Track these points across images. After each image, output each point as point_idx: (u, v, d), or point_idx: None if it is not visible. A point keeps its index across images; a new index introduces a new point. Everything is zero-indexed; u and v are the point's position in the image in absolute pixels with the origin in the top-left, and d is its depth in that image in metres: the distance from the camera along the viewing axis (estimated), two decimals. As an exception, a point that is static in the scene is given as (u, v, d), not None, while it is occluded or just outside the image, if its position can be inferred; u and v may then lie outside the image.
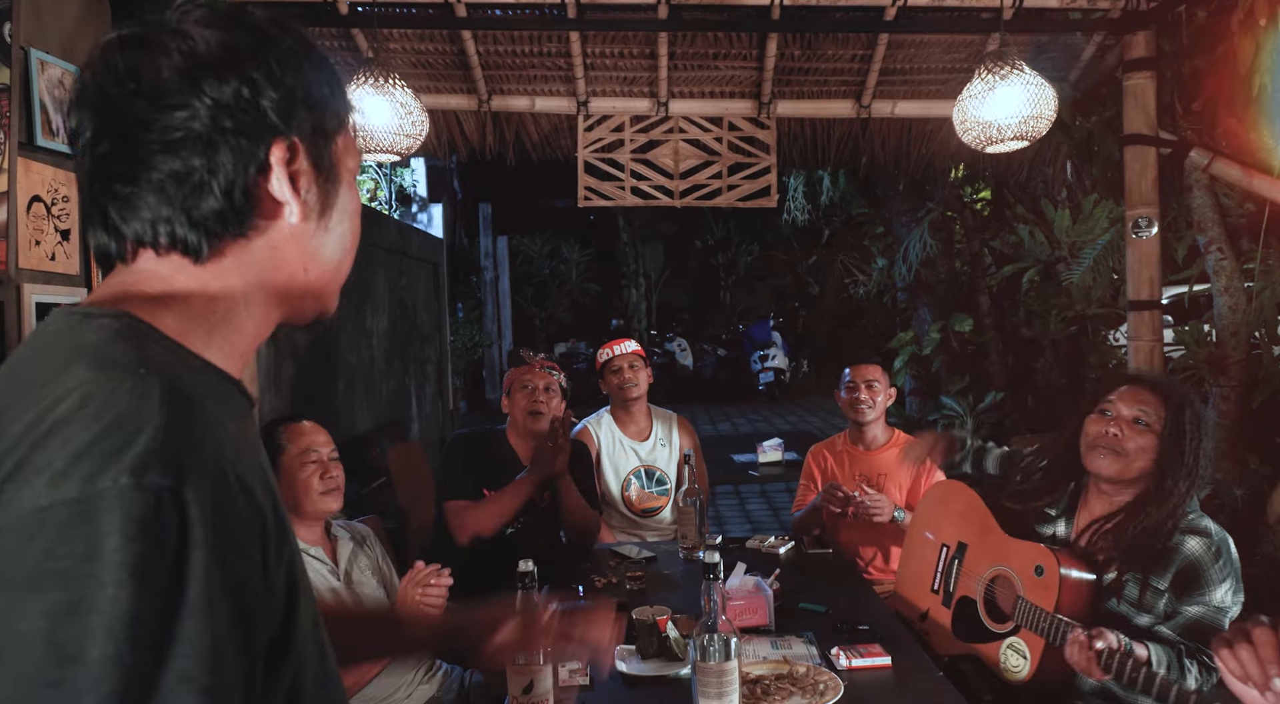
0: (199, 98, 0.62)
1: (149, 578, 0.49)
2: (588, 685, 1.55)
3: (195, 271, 0.65)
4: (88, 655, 0.48)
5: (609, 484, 2.91)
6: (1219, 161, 3.24)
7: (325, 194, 0.70)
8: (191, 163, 0.63)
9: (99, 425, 0.52)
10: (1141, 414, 1.68)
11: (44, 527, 0.49)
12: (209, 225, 0.64)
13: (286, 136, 0.66)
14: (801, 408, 11.48)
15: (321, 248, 0.71)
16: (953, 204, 5.97)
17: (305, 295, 0.72)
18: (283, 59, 0.66)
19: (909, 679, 1.54)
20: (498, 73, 3.56)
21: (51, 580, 0.48)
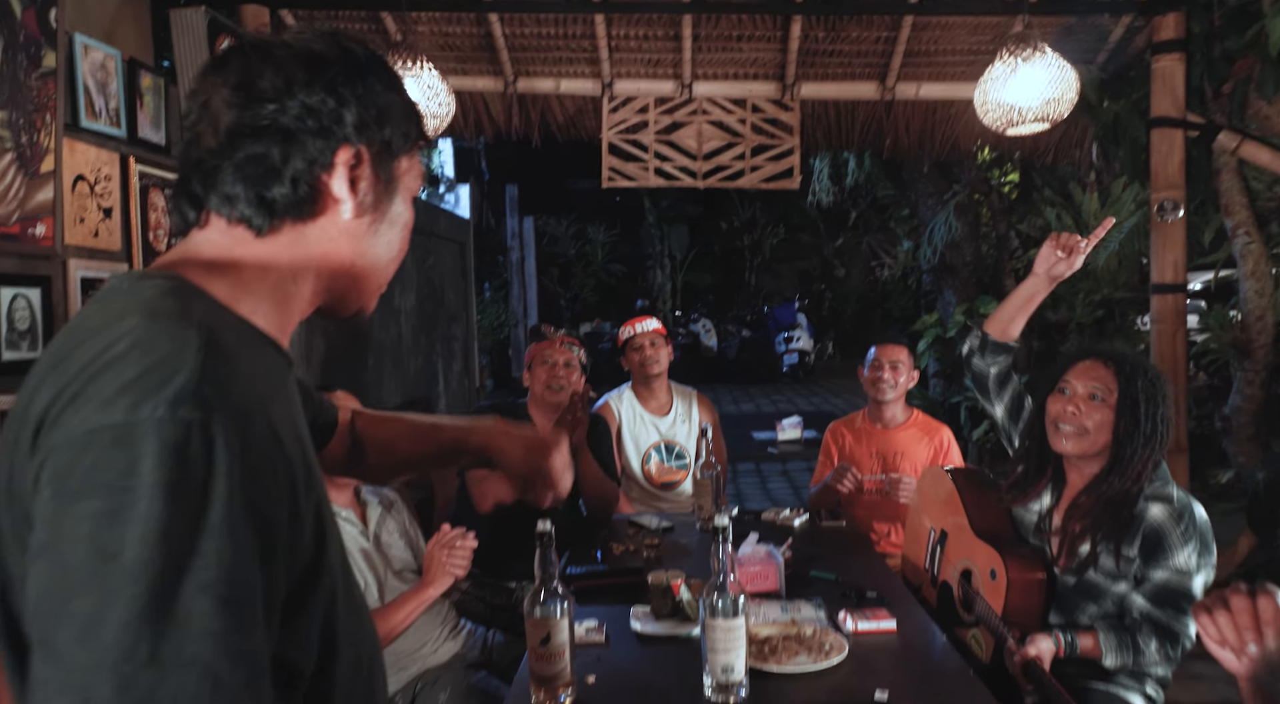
0: (291, 97, 0.73)
1: (178, 497, 0.57)
2: (603, 643, 1.62)
3: (254, 244, 0.75)
4: (123, 556, 0.55)
5: (629, 458, 2.99)
6: (1248, 144, 3.21)
7: (380, 201, 0.80)
8: (270, 150, 0.73)
9: (143, 364, 0.60)
10: (1096, 389, 1.70)
11: (92, 445, 0.58)
12: (274, 205, 0.74)
13: (354, 145, 0.76)
14: (825, 390, 11.48)
15: (370, 247, 0.81)
16: (979, 186, 5.93)
17: (348, 287, 0.82)
18: (370, 82, 0.78)
19: (913, 643, 1.60)
20: (524, 55, 3.61)
21: (96, 491, 0.57)
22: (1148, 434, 1.66)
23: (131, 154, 2.24)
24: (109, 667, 0.54)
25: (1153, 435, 1.67)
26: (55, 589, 0.57)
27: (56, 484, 0.58)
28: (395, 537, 2.01)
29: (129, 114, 2.24)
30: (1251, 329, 3.40)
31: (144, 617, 0.55)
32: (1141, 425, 1.66)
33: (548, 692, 1.36)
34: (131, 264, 2.23)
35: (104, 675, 0.54)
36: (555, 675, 1.35)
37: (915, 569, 2.14)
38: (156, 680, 0.55)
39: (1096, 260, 4.75)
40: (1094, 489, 1.71)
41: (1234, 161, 3.31)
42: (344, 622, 0.76)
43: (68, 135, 2.01)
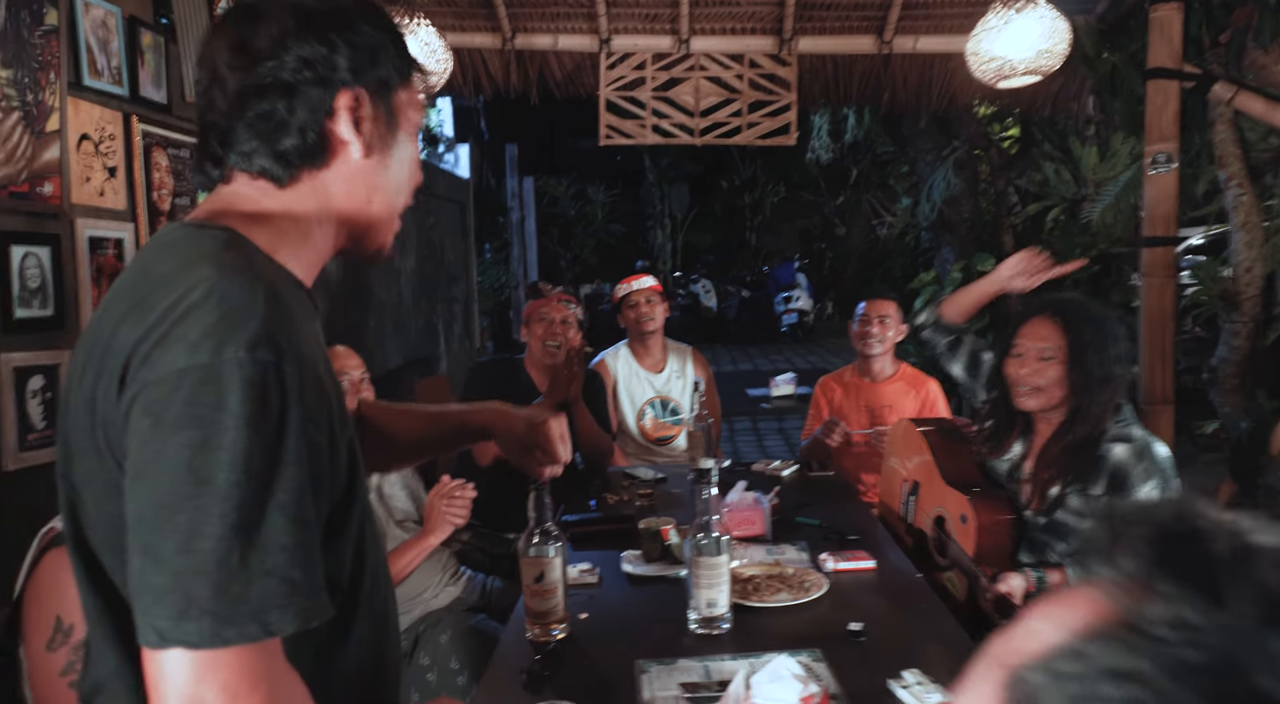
0: (286, 51, 0.79)
1: (259, 429, 0.66)
2: (596, 584, 1.70)
3: (279, 195, 0.82)
4: (216, 479, 0.64)
5: (625, 414, 3.05)
6: (1243, 95, 3.21)
7: (385, 137, 0.85)
8: (276, 106, 0.79)
9: (221, 311, 0.68)
10: (1044, 349, 1.74)
11: (184, 383, 0.66)
12: (288, 157, 0.81)
13: (352, 88, 0.80)
14: (824, 349, 11.53)
15: (383, 183, 0.86)
16: (979, 142, 5.90)
17: (367, 225, 0.88)
18: (357, 24, 0.82)
19: (890, 580, 1.68)
20: (521, 10, 3.60)
21: (191, 422, 0.65)
22: (1101, 380, 1.70)
23: (134, 113, 2.27)
24: (207, 573, 0.64)
25: (1107, 380, 1.71)
26: (158, 506, 0.65)
27: (154, 416, 0.66)
28: (397, 488, 2.08)
29: (130, 72, 2.26)
30: (1240, 281, 3.43)
31: (234, 532, 0.64)
32: (1094, 373, 1.70)
33: (541, 626, 1.44)
34: (137, 223, 2.27)
35: (203, 580, 0.64)
36: (548, 611, 1.43)
37: (893, 515, 2.21)
38: (245, 585, 0.64)
39: (1094, 215, 4.76)
40: (1059, 438, 1.78)
41: (1229, 112, 3.31)
42: (370, 545, 0.85)
43: (71, 94, 2.03)
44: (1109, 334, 1.74)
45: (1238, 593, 0.26)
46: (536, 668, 1.33)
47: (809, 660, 1.30)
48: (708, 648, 1.39)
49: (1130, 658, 0.26)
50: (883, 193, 9.08)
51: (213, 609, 0.63)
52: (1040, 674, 0.28)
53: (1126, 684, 0.25)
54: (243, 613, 0.64)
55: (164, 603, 0.64)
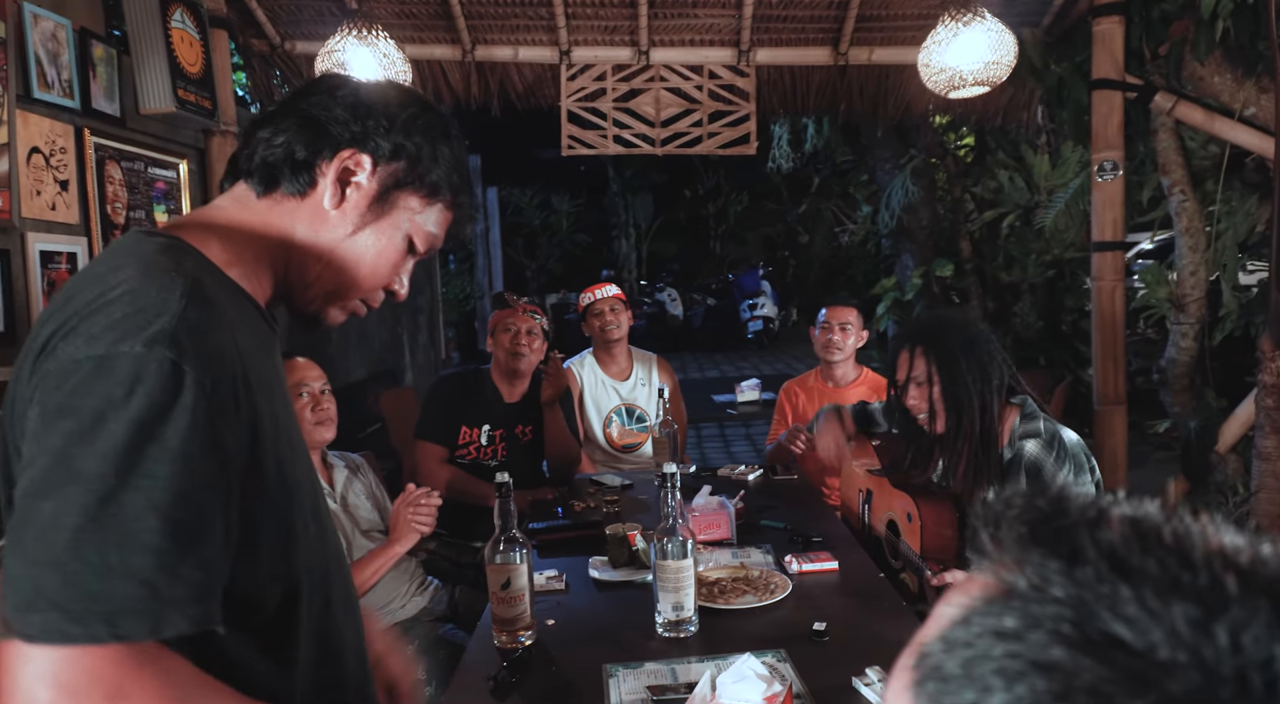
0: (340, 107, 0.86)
1: (140, 423, 0.64)
2: (563, 590, 1.71)
3: (254, 204, 0.84)
4: (85, 470, 0.63)
5: (591, 422, 3.06)
6: (1183, 105, 3.32)
7: (365, 211, 0.87)
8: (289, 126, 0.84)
9: (131, 307, 0.68)
10: (916, 376, 1.80)
11: (75, 372, 0.66)
12: (270, 170, 0.84)
13: (360, 151, 0.84)
14: (789, 355, 11.63)
15: (343, 249, 0.87)
16: (935, 151, 6.03)
17: (309, 281, 0.87)
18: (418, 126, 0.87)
19: (853, 581, 1.71)
20: (481, 22, 3.61)
21: (73, 411, 0.64)
22: (975, 380, 1.74)
23: (86, 126, 2.24)
24: (59, 565, 0.61)
25: (982, 377, 1.74)
26: (28, 494, 0.64)
27: (42, 405, 0.66)
28: (362, 498, 2.07)
29: (82, 85, 2.23)
30: (1185, 284, 3.54)
31: (94, 525, 0.62)
32: (965, 376, 1.74)
33: (509, 633, 1.44)
34: (90, 237, 2.24)
35: (54, 571, 0.61)
36: (516, 618, 1.43)
37: (854, 517, 2.25)
38: (99, 583, 0.61)
39: (1046, 221, 4.88)
40: (954, 449, 1.79)
41: (1170, 122, 3.42)
42: (312, 560, 0.83)
43: (20, 107, 2.01)
44: (967, 334, 1.78)
45: (1089, 551, 0.29)
46: (504, 675, 1.33)
47: (773, 661, 1.33)
48: (674, 651, 1.40)
49: (1008, 618, 0.29)
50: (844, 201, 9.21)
51: (60, 603, 0.60)
52: (937, 644, 0.31)
53: (1007, 641, 0.28)
54: (94, 612, 0.61)
55: (15, 591, 0.61)
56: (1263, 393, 3.16)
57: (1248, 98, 3.21)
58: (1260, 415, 3.19)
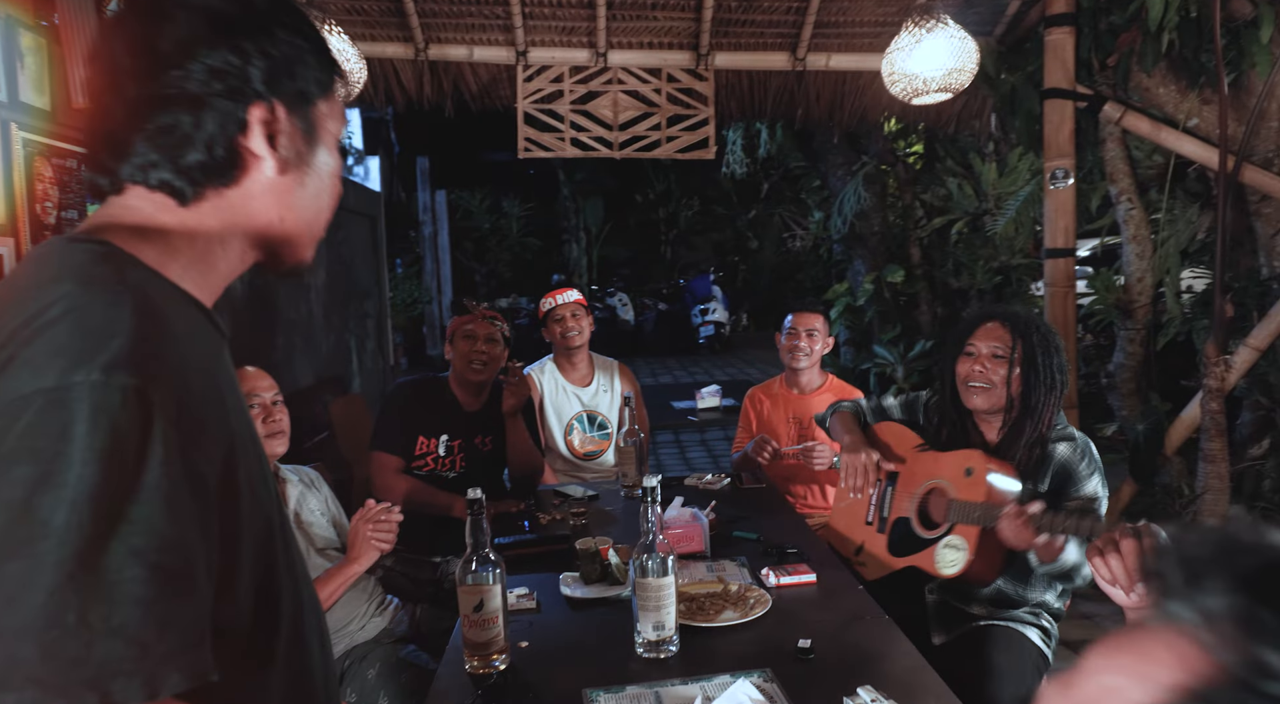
0: (193, 62, 0.70)
1: (110, 462, 0.57)
2: (535, 609, 1.64)
3: (179, 212, 0.73)
4: (53, 521, 0.55)
5: (552, 430, 2.99)
6: (1130, 115, 3.41)
7: (303, 153, 0.77)
8: (181, 119, 0.70)
9: (77, 330, 0.60)
10: (997, 348, 1.87)
11: (26, 410, 0.57)
12: (193, 174, 0.72)
13: (267, 100, 0.73)
14: (741, 360, 11.69)
15: (297, 200, 0.78)
16: (886, 157, 6.10)
17: (281, 243, 0.80)
18: (273, 30, 0.74)
19: (832, 593, 1.67)
20: (435, 20, 3.52)
21: (30, 455, 0.56)
22: (1048, 384, 1.84)
23: (13, 120, 2.09)
24: (35, 632, 0.54)
25: (1053, 384, 1.84)
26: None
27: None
28: (316, 514, 1.97)
29: (9, 77, 2.08)
30: (1133, 290, 3.63)
31: (71, 583, 0.54)
32: (1042, 376, 1.83)
33: (481, 658, 1.37)
34: (17, 237, 2.09)
35: (30, 641, 0.54)
36: (489, 641, 1.36)
37: (851, 529, 2.15)
38: (82, 647, 0.54)
39: (998, 228, 4.97)
40: (1015, 437, 1.86)
41: (1118, 131, 3.50)
42: (285, 587, 0.76)
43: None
44: (1053, 344, 1.87)
45: None
46: (479, 703, 1.26)
47: (761, 682, 1.28)
48: (656, 672, 1.35)
49: None
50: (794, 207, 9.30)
51: (39, 676, 0.53)
52: None
53: None
54: (77, 680, 0.54)
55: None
56: (1207, 397, 3.25)
57: (1191, 109, 3.30)
58: (1205, 419, 3.27)
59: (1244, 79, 3.18)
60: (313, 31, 0.78)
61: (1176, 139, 3.32)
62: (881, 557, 1.99)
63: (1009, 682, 1.67)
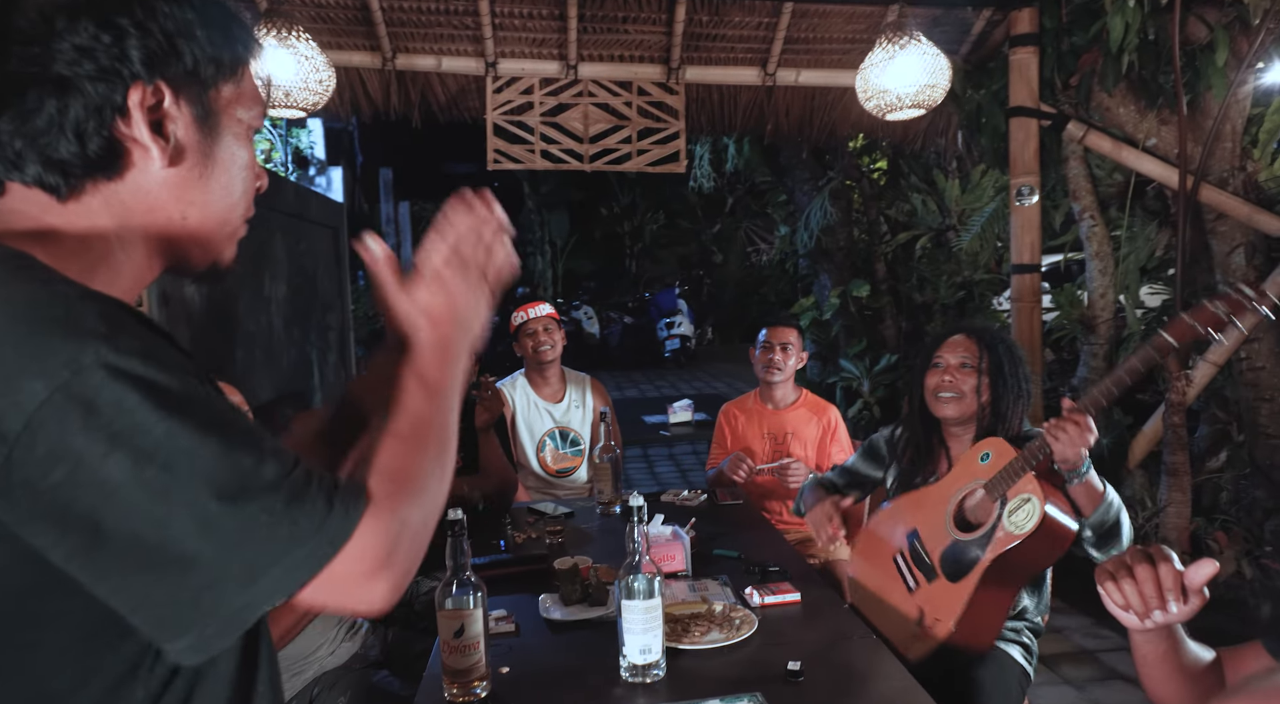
0: (56, 39, 0.62)
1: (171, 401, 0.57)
2: (514, 632, 1.59)
3: (61, 210, 0.66)
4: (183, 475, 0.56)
5: (524, 446, 2.94)
6: (1092, 134, 3.48)
7: (203, 142, 0.70)
8: (44, 103, 0.63)
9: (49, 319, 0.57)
10: (965, 359, 1.92)
11: (66, 410, 0.55)
12: (66, 165, 0.65)
13: (149, 81, 0.65)
14: (707, 373, 11.71)
15: (201, 195, 0.71)
16: (851, 173, 6.17)
17: (188, 243, 0.72)
18: (153, 4, 0.66)
19: (818, 612, 1.65)
20: (403, 30, 3.47)
21: (110, 443, 0.55)
22: (1015, 392, 1.87)
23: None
24: (242, 543, 0.58)
25: (1020, 392, 1.88)
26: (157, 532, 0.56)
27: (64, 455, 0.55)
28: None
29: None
30: (1095, 306, 3.69)
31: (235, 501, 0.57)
32: (1009, 384, 1.87)
33: (462, 685, 1.32)
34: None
35: (247, 545, 0.58)
36: (470, 668, 1.31)
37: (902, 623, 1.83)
38: (287, 526, 0.59)
39: (963, 244, 5.03)
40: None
41: (1080, 150, 3.58)
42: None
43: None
44: (1017, 355, 1.91)
45: None
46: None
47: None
48: (643, 697, 1.31)
49: None
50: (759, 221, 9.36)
51: (282, 564, 0.59)
52: None
53: None
54: (307, 545, 0.59)
55: (226, 586, 0.58)
56: (1169, 411, 3.31)
57: (1150, 129, 3.38)
58: (1167, 432, 3.33)
59: (1200, 101, 3.27)
60: (210, 5, 0.70)
61: (1137, 158, 3.39)
62: (949, 595, 1.72)
63: (995, 701, 1.66)
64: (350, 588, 0.62)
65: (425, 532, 0.68)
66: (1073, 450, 1.59)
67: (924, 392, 1.97)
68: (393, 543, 0.63)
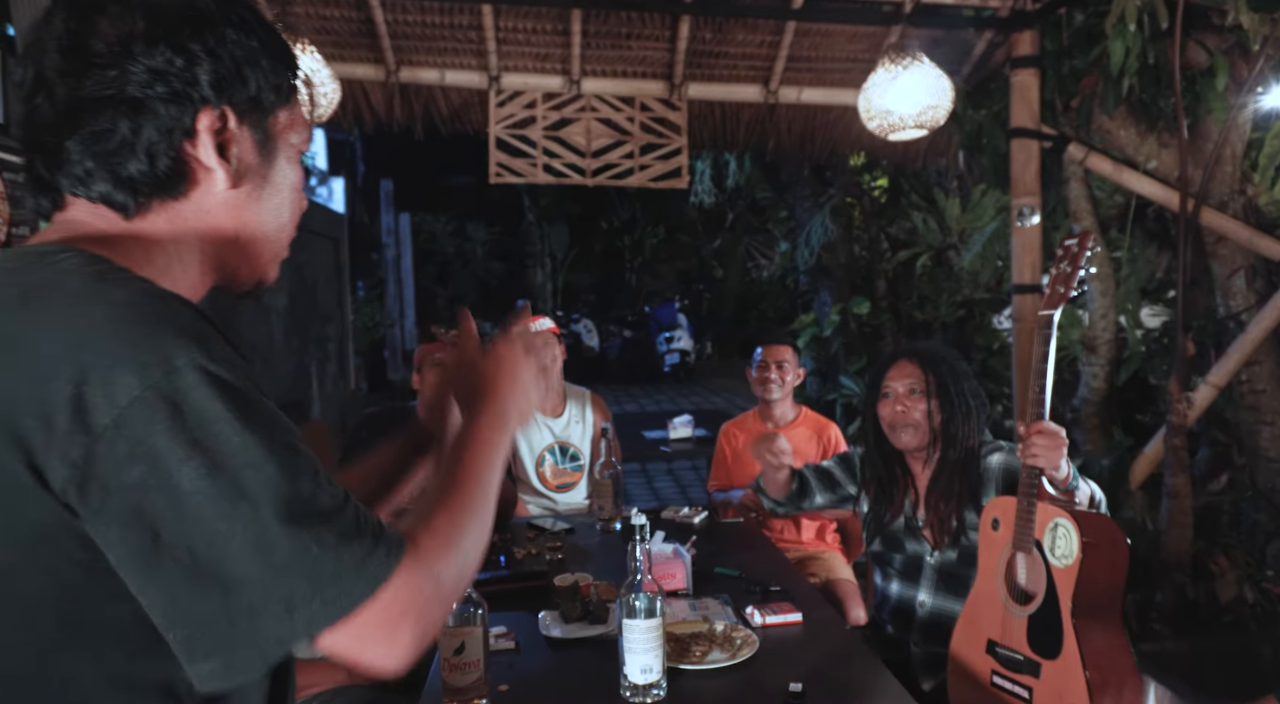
0: (131, 62, 0.64)
1: (250, 413, 0.59)
2: (514, 649, 1.58)
3: (125, 225, 0.68)
4: (251, 488, 0.57)
5: (523, 461, 2.93)
6: (1093, 156, 3.49)
7: (260, 164, 0.73)
8: (117, 124, 0.65)
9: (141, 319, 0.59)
10: (912, 385, 1.90)
11: (156, 409, 0.56)
12: (134, 185, 0.67)
13: (217, 106, 0.68)
14: (706, 388, 11.70)
15: (255, 216, 0.74)
16: (852, 190, 6.19)
17: (239, 261, 0.75)
18: (223, 29, 0.68)
19: (819, 633, 1.64)
20: (407, 43, 3.49)
21: (190, 448, 0.56)
22: (964, 411, 1.86)
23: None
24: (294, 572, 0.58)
25: (969, 409, 1.87)
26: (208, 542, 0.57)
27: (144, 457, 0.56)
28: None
29: (-39, 88, 2.00)
30: (1096, 326, 3.70)
31: (293, 524, 0.58)
32: (956, 404, 1.86)
33: (461, 702, 1.30)
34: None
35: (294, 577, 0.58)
36: (470, 686, 1.30)
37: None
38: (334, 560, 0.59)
39: (964, 263, 5.04)
40: (941, 470, 1.88)
41: (1081, 171, 3.59)
42: None
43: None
44: (960, 370, 1.91)
45: None
46: (458, 755, 1.20)
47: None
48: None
49: None
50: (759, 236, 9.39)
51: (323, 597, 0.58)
52: None
53: None
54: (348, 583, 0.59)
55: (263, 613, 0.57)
56: (1170, 433, 3.31)
57: (1150, 152, 3.40)
58: (1168, 454, 3.32)
59: (1201, 124, 3.28)
60: (270, 33, 0.73)
61: (1137, 180, 3.41)
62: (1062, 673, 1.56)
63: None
64: (374, 636, 0.61)
65: (455, 593, 0.69)
66: (1055, 455, 1.56)
67: (878, 423, 1.95)
68: (424, 596, 0.64)
